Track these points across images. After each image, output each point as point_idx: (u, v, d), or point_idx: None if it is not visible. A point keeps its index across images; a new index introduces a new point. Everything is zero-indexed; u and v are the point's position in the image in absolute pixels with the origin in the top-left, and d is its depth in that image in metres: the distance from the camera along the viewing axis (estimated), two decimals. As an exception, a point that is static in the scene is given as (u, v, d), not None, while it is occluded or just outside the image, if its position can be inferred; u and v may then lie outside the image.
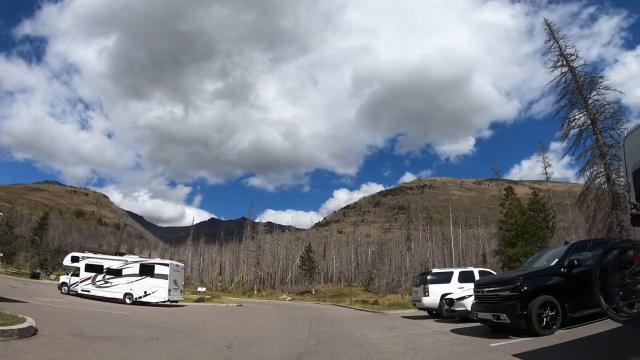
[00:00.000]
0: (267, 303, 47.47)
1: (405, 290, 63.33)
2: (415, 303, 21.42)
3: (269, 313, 26.47)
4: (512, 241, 39.87)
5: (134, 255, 35.51)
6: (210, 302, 38.91)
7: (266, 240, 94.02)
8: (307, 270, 73.01)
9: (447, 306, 17.22)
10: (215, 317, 21.05)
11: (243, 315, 23.30)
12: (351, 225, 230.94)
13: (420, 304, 20.38)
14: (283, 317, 22.46)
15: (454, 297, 16.91)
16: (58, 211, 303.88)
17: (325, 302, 53.39)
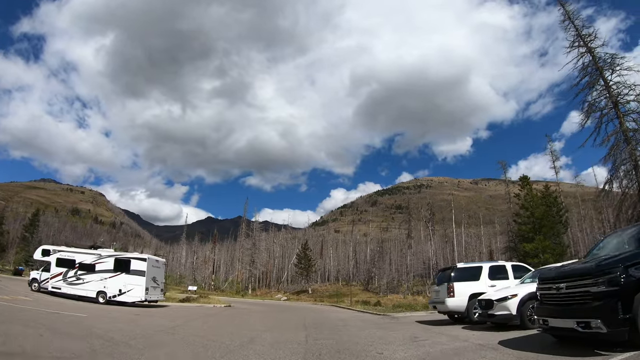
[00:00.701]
0: (260, 303, 43.58)
1: (407, 289, 59.57)
2: (435, 305, 17.45)
3: (258, 316, 22.53)
4: (529, 235, 36.16)
5: (110, 249, 31.58)
6: (197, 302, 35.00)
7: (262, 238, 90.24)
8: (304, 268, 69.09)
9: (483, 309, 13.38)
10: (189, 322, 17.09)
11: (226, 320, 19.42)
12: (348, 224, 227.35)
13: (443, 306, 16.43)
14: (274, 322, 18.56)
15: (493, 297, 13.08)
16: (54, 209, 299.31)
17: (322, 303, 49.47)
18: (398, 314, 26.19)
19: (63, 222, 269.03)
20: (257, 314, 24.77)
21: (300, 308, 35.34)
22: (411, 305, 34.17)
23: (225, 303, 34.87)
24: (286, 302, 50.86)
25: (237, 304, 37.83)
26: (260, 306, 36.06)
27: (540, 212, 36.74)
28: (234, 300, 48.83)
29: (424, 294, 57.34)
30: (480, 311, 13.74)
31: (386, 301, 46.57)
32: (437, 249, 69.81)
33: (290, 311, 29.03)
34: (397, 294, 57.16)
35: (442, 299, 16.21)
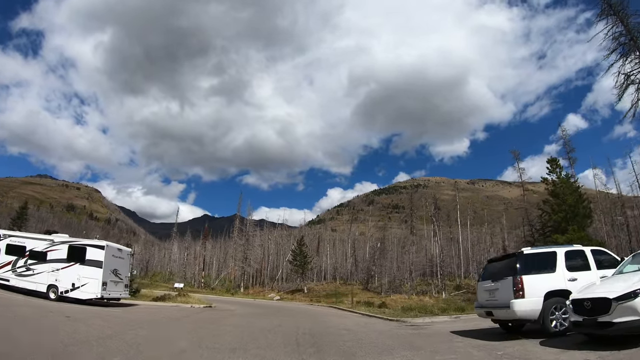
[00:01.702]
0: (248, 303, 37.87)
1: (410, 289, 54.06)
2: (490, 311, 11.85)
3: (236, 323, 16.71)
4: (561, 226, 30.71)
5: (65, 235, 25.96)
6: (173, 301, 29.37)
7: (256, 234, 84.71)
8: (299, 266, 63.49)
9: (589, 315, 7.97)
10: (131, 330, 11.47)
11: (189, 327, 13.80)
12: (345, 223, 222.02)
13: (506, 312, 10.66)
14: (252, 334, 12.90)
15: (610, 295, 7.65)
16: (49, 205, 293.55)
17: (319, 303, 43.86)
18: (415, 319, 20.71)
19: (58, 217, 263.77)
20: (237, 318, 19.20)
21: (294, 310, 29.77)
22: (424, 307, 28.72)
23: (207, 303, 29.28)
24: (279, 303, 45.26)
25: (222, 304, 32.29)
26: (248, 307, 30.47)
27: (572, 199, 31.37)
28: (220, 299, 43.33)
29: (430, 294, 51.98)
30: (581, 318, 8.26)
31: (390, 302, 41.10)
32: (442, 247, 64.40)
33: (281, 314, 23.46)
34: (401, 294, 51.74)
35: (505, 301, 10.60)
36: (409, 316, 22.55)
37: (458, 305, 28.44)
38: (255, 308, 29.67)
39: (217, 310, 24.54)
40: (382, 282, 55.81)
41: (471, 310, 24.81)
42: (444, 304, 35.10)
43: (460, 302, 42.98)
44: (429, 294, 51.90)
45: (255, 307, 31.57)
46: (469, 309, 25.08)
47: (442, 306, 29.17)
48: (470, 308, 25.78)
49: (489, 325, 13.14)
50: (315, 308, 34.56)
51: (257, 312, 25.07)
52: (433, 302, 45.30)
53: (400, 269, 58.92)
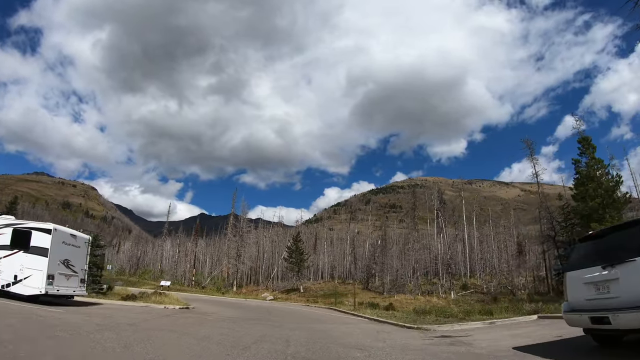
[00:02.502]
0: (236, 304, 32.93)
1: (415, 288, 49.38)
2: (606, 317, 6.87)
3: (203, 334, 11.79)
4: (598, 214, 26.10)
5: (10, 216, 21.20)
6: (146, 301, 24.55)
7: (250, 232, 79.86)
8: (295, 263, 58.73)
9: None
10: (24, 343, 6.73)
11: (127, 341, 9.03)
12: (342, 222, 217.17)
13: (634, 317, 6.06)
14: (226, 349, 8.21)
15: None
16: (44, 202, 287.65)
17: (316, 304, 39.03)
18: (440, 326, 15.99)
19: (53, 214, 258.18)
20: (210, 326, 14.33)
21: (287, 313, 24.99)
22: (441, 309, 24.12)
23: (184, 303, 24.50)
24: (271, 303, 40.41)
25: (205, 305, 27.54)
26: (233, 309, 25.66)
27: (609, 183, 26.82)
28: (206, 299, 38.57)
29: (436, 294, 47.38)
30: None
31: (396, 303, 36.49)
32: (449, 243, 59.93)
33: (269, 319, 18.69)
34: (405, 294, 47.13)
35: (633, 300, 5.94)
36: (428, 322, 17.88)
37: (482, 308, 23.79)
38: (242, 310, 24.88)
39: (192, 313, 19.77)
40: (384, 281, 51.05)
41: (501, 313, 20.28)
42: (464, 306, 30.47)
43: (473, 303, 38.39)
44: (435, 293, 47.30)
45: (242, 308, 26.76)
46: (497, 312, 20.63)
47: (465, 308, 24.55)
48: (497, 310, 21.23)
49: (557, 336, 9.38)
50: (312, 310, 29.81)
51: (241, 315, 20.29)
52: (444, 303, 40.66)
53: (403, 268, 54.13)
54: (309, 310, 28.59)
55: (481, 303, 37.56)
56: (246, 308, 27.41)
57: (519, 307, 21.86)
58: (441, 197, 57.11)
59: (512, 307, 22.22)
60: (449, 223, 77.22)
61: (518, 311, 20.34)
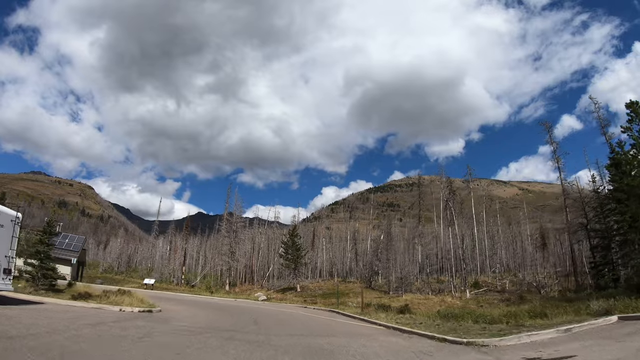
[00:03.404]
0: (220, 306, 27.18)
1: (425, 286, 43.94)
2: None
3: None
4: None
5: None
6: (102, 301, 19.05)
7: (245, 226, 74.44)
8: (291, 260, 53.08)
9: None
10: None
11: None
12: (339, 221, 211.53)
13: None
14: None
15: None
16: (40, 201, 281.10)
17: (315, 305, 33.44)
18: (502, 339, 10.46)
19: (49, 213, 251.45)
20: (151, 345, 8.83)
21: (279, 318, 19.34)
22: (474, 313, 18.58)
23: (149, 305, 18.99)
24: (264, 304, 34.68)
25: (179, 308, 22.00)
26: (211, 313, 20.08)
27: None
28: (190, 299, 32.94)
29: (448, 293, 41.92)
30: None
31: (412, 305, 31.01)
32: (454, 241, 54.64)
33: (251, 331, 13.04)
34: (413, 293, 41.64)
35: None
36: (474, 332, 12.44)
37: (532, 308, 18.28)
38: (221, 315, 19.30)
39: (148, 319, 14.13)
40: (390, 279, 45.55)
41: (559, 315, 15.15)
42: (489, 307, 25.03)
43: (497, 303, 32.93)
44: (447, 292, 41.85)
45: (224, 312, 21.15)
46: (552, 313, 15.71)
47: (504, 310, 19.00)
48: (550, 312, 16.07)
49: None
50: (310, 314, 24.17)
51: (215, 324, 14.69)
52: (461, 303, 35.20)
53: (409, 265, 48.63)
54: (307, 314, 22.99)
55: (506, 302, 32.21)
56: (229, 311, 21.80)
57: (580, 307, 16.86)
58: (450, 186, 51.55)
59: (571, 307, 16.99)
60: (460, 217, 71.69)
61: (579, 311, 15.82)
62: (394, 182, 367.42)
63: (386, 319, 18.30)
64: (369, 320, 18.66)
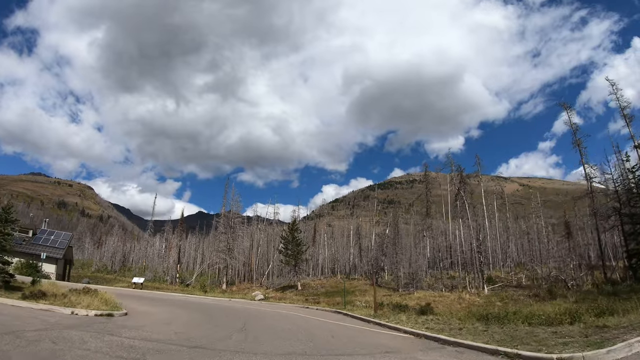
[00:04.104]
0: (206, 308, 22.92)
1: (437, 282, 39.96)
2: None
3: None
4: None
5: None
6: (54, 302, 15.09)
7: (244, 222, 70.39)
8: (291, 256, 49.05)
9: None
10: None
11: None
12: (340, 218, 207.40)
13: None
14: None
15: None
16: (39, 202, 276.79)
17: (318, 305, 29.35)
18: (597, 351, 6.54)
19: (48, 214, 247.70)
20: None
21: (273, 325, 15.22)
22: (519, 313, 14.47)
23: (112, 308, 15.02)
24: (260, 305, 30.53)
25: (155, 310, 18.02)
26: (196, 316, 16.05)
27: None
28: (179, 299, 28.84)
29: (463, 289, 37.97)
30: None
31: (423, 302, 27.15)
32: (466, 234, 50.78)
33: (231, 344, 9.09)
34: (425, 290, 37.63)
35: None
36: (550, 339, 8.47)
37: (594, 306, 14.20)
38: (204, 319, 15.25)
39: (95, 329, 10.13)
40: (398, 276, 41.53)
41: (629, 313, 11.40)
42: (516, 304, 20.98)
43: (524, 299, 29.01)
44: (463, 289, 37.88)
45: (209, 315, 17.07)
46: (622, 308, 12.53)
47: (565, 306, 14.90)
48: (609, 309, 12.22)
49: None
50: (313, 316, 20.10)
51: (188, 334, 10.64)
52: (482, 301, 31.23)
53: (418, 260, 44.56)
54: (310, 317, 18.91)
55: (534, 298, 28.23)
56: (216, 314, 17.74)
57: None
58: (461, 175, 47.51)
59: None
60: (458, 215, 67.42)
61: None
62: (394, 179, 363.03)
63: (410, 323, 14.28)
64: (388, 324, 14.61)
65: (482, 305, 28.06)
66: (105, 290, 20.75)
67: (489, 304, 28.38)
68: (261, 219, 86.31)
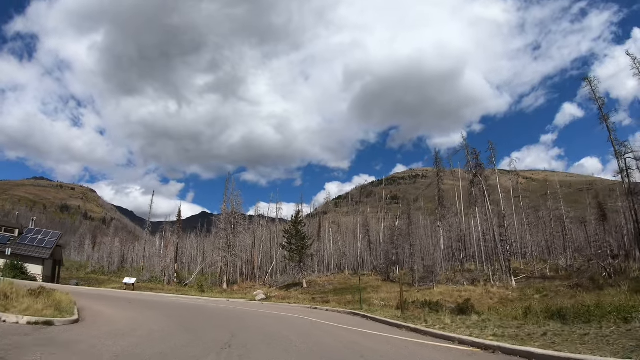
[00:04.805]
0: (199, 310, 18.76)
1: (457, 275, 35.94)
2: None
3: None
4: None
5: None
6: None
7: (245, 220, 66.55)
8: (295, 251, 45.07)
9: None
10: None
11: None
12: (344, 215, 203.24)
13: None
14: None
15: None
16: (42, 206, 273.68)
17: (327, 305, 25.16)
18: None
19: (50, 217, 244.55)
20: None
21: (272, 336, 11.18)
22: (623, 308, 10.49)
23: (63, 313, 11.08)
24: (261, 306, 26.43)
25: (132, 314, 14.00)
26: (173, 324, 12.01)
27: None
28: (169, 301, 24.80)
29: (486, 282, 34.00)
30: None
31: (448, 298, 23.34)
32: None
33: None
34: (445, 284, 33.63)
35: None
36: None
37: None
38: (180, 329, 11.20)
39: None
40: (414, 269, 37.51)
41: None
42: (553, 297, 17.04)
43: (564, 291, 25.05)
44: (485, 282, 33.88)
45: (192, 322, 13.01)
46: None
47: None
48: None
49: None
50: (323, 322, 15.94)
51: (138, 356, 6.68)
52: (516, 294, 27.24)
53: (436, 251, 40.46)
54: (321, 324, 14.76)
55: (575, 289, 24.27)
56: (200, 321, 13.71)
57: None
58: (477, 158, 43.47)
59: None
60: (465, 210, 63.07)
61: None
62: (397, 174, 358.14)
63: (460, 329, 10.28)
64: (430, 331, 10.56)
65: (518, 300, 24.12)
66: (69, 292, 16.81)
67: (525, 298, 24.45)
68: (264, 217, 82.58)
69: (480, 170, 43.11)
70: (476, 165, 43.95)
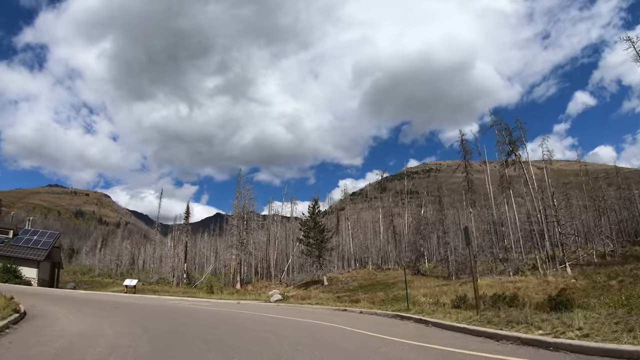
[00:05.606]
0: (200, 315, 14.31)
1: (500, 265, 31.30)
2: None
3: None
4: None
5: None
6: None
7: (258, 217, 62.77)
8: (314, 245, 40.81)
9: None
10: None
11: None
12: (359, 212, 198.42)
13: None
14: None
15: None
16: (57, 212, 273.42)
17: (358, 305, 20.53)
18: None
19: (65, 223, 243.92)
20: None
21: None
22: None
23: None
24: (277, 309, 21.96)
25: (92, 325, 9.81)
26: (142, 339, 7.77)
27: None
28: (170, 305, 20.64)
29: (534, 271, 29.45)
30: None
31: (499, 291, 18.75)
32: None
33: None
34: (488, 276, 29.10)
35: None
36: None
37: None
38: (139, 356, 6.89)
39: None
40: (450, 260, 32.95)
41: None
42: None
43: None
44: (531, 271, 29.31)
45: (159, 342, 8.74)
46: None
47: None
48: None
49: None
50: (365, 332, 11.60)
51: None
52: (585, 284, 22.51)
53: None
54: (365, 336, 10.46)
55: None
56: (170, 343, 9.47)
57: None
58: (511, 135, 38.72)
59: None
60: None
61: None
62: (410, 169, 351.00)
63: (623, 335, 5.91)
64: (546, 341, 6.15)
65: (590, 288, 19.49)
66: (38, 293, 12.68)
67: (598, 286, 19.80)
68: (278, 216, 78.48)
69: (514, 148, 38.37)
70: (509, 142, 39.20)
